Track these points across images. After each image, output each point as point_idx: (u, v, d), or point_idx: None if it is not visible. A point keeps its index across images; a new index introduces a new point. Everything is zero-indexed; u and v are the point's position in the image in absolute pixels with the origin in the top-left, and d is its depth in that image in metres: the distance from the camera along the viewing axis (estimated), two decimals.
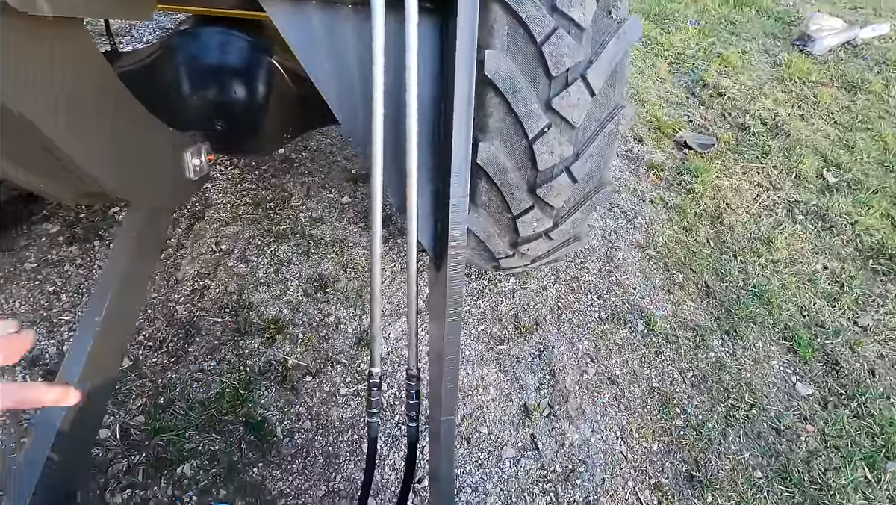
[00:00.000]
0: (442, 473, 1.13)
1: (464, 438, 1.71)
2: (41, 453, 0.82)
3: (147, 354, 1.80)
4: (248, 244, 2.20)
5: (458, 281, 1.01)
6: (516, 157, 1.41)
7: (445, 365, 1.08)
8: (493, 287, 2.17)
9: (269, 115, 1.77)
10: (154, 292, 1.97)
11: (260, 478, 1.55)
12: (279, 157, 2.68)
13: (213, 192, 2.42)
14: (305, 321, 1.96)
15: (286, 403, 1.72)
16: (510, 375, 1.89)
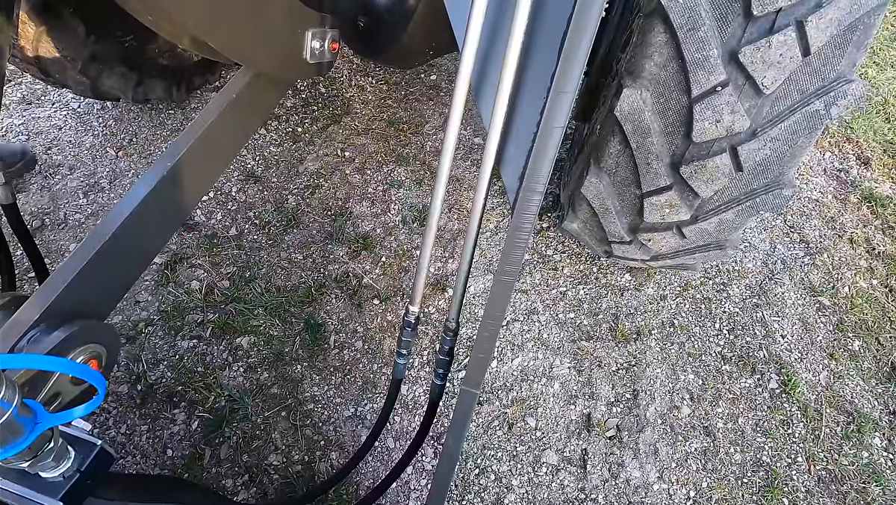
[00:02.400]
0: (449, 446, 0.98)
1: (506, 422, 1.52)
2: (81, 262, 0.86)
3: (251, 230, 1.92)
4: (369, 158, 2.20)
5: (523, 234, 0.80)
6: (667, 117, 1.10)
7: (482, 330, 0.90)
8: (602, 276, 1.87)
9: (416, 24, 1.65)
10: (275, 177, 2.08)
11: (299, 376, 1.57)
12: (429, 81, 2.60)
13: (357, 102, 2.45)
14: (393, 247, 1.90)
15: (347, 318, 1.71)
16: (584, 377, 1.63)
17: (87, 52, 1.74)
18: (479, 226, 0.91)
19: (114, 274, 0.95)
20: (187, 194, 1.06)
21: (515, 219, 0.81)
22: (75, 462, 0.52)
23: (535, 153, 0.77)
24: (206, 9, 0.92)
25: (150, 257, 1.05)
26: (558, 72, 0.73)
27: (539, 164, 0.77)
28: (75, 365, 0.42)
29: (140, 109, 2.27)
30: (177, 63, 2.10)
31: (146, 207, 0.96)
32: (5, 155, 1.82)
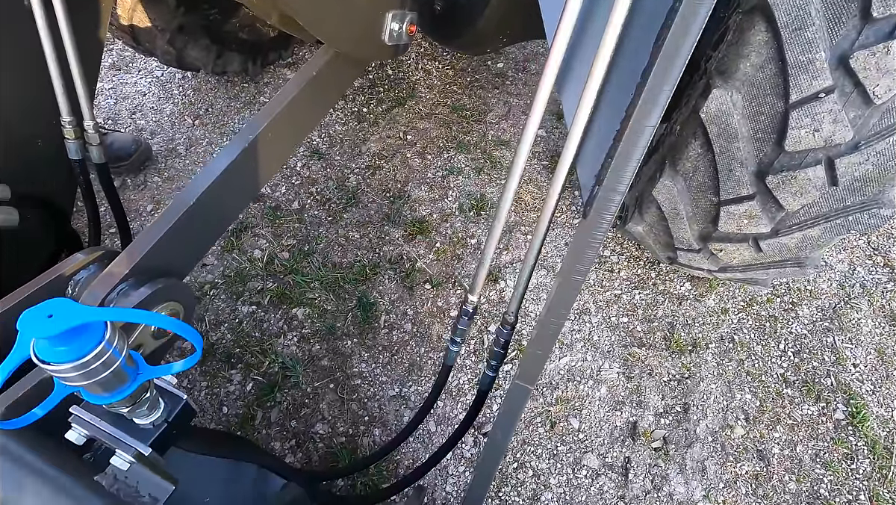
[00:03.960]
0: (497, 439, 0.98)
1: (548, 420, 1.51)
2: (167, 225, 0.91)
3: (312, 205, 1.97)
4: (431, 143, 2.20)
5: (599, 233, 0.78)
6: (758, 123, 1.03)
7: (543, 327, 0.89)
8: (660, 283, 1.81)
9: (493, 10, 1.62)
10: (338, 155, 2.12)
11: (349, 351, 1.61)
12: (495, 69, 2.57)
13: (422, 86, 2.45)
14: (448, 234, 1.91)
15: (399, 299, 1.73)
16: (633, 384, 1.59)
17: (176, 24, 1.82)
18: (550, 220, 0.89)
19: (195, 237, 1.00)
20: (264, 166, 1.10)
21: (592, 217, 0.79)
22: (164, 413, 0.55)
23: (621, 151, 0.75)
24: None
25: (228, 224, 1.10)
26: (656, 68, 0.69)
27: (625, 163, 0.74)
28: (182, 324, 0.45)
29: (217, 81, 2.37)
30: (255, 38, 2.17)
31: (228, 176, 1.01)
32: (118, 146, 1.92)
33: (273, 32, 2.25)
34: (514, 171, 0.91)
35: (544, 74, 0.81)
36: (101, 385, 0.45)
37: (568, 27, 0.77)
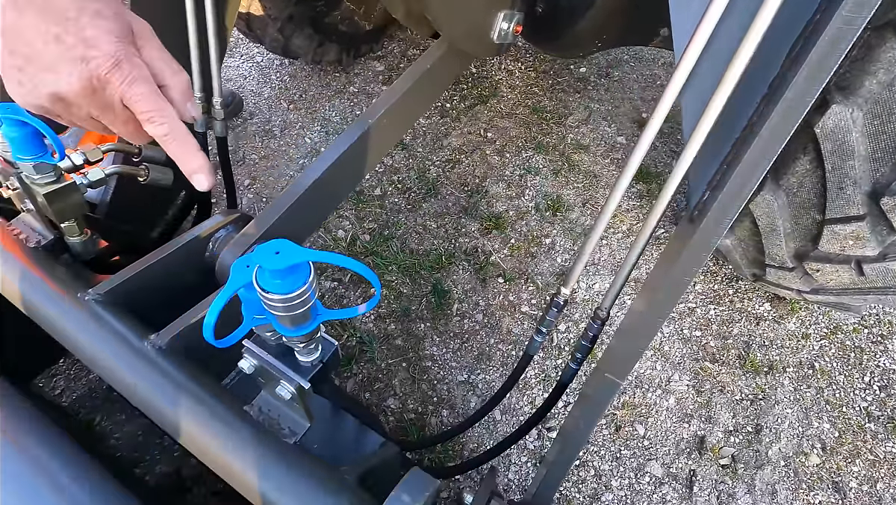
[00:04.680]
0: (576, 433, 1.01)
1: (614, 423, 1.52)
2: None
3: (394, 192, 2.06)
4: (510, 141, 2.24)
5: (714, 238, 0.80)
6: (879, 142, 1.01)
7: (641, 324, 0.91)
8: (737, 300, 1.77)
9: (593, 15, 1.64)
10: (421, 147, 2.20)
11: (422, 334, 1.68)
12: (577, 74, 2.57)
13: (504, 86, 2.50)
14: (524, 231, 1.95)
15: (472, 290, 1.79)
16: (703, 398, 1.57)
17: (287, 13, 1.96)
18: (658, 220, 0.91)
19: (315, 209, 1.09)
20: (376, 150, 1.18)
21: (708, 222, 0.81)
22: (321, 355, 0.63)
23: (747, 160, 0.76)
24: None
25: (342, 199, 1.19)
26: (796, 82, 0.70)
27: (750, 171, 0.76)
28: (366, 269, 0.51)
29: (311, 69, 2.51)
30: (352, 31, 2.28)
31: (346, 157, 1.09)
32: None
33: (368, 26, 2.36)
34: (626, 171, 0.93)
35: (671, 83, 0.83)
36: (293, 319, 0.52)
37: (702, 40, 0.79)
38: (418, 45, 2.65)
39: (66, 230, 0.87)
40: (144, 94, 0.49)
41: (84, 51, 0.46)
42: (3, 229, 0.87)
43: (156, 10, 1.23)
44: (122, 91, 0.48)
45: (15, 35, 0.45)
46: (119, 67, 0.47)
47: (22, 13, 0.45)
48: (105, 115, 0.50)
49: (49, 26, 0.45)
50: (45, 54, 0.45)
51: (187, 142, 0.52)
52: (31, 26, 0.45)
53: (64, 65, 0.46)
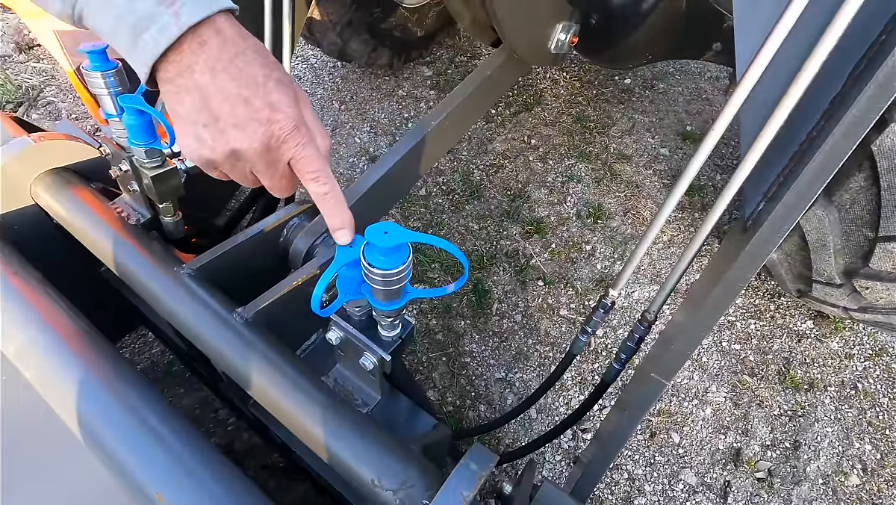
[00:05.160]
0: (618, 430, 1.05)
1: (648, 429, 1.54)
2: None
3: (438, 193, 2.12)
4: (553, 149, 2.29)
5: (769, 245, 0.83)
6: None
7: (689, 327, 0.94)
8: (778, 316, 1.76)
9: (647, 28, 1.68)
10: (465, 151, 2.26)
11: (462, 330, 1.74)
12: (622, 85, 2.60)
13: (549, 94, 2.54)
14: (564, 237, 1.98)
15: (511, 291, 1.83)
16: (741, 411, 1.57)
17: (347, 19, 2.05)
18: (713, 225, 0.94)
19: (377, 205, 1.16)
20: (437, 149, 1.24)
21: (763, 231, 0.83)
22: (401, 331, 0.69)
23: (806, 173, 0.79)
24: None
25: (403, 193, 1.26)
26: (860, 100, 0.73)
27: (808, 185, 0.79)
28: (457, 249, 0.57)
29: (362, 72, 2.61)
30: (404, 37, 2.37)
31: (411, 154, 1.16)
32: None
33: (420, 33, 2.44)
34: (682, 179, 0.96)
35: (733, 98, 0.86)
36: (387, 294, 0.58)
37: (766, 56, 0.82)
38: (465, 53, 2.72)
39: (162, 210, 0.96)
40: (313, 155, 0.53)
41: (269, 114, 0.50)
42: (107, 208, 0.97)
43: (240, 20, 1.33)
44: (295, 152, 0.52)
45: (207, 95, 0.49)
46: (298, 130, 0.52)
47: (216, 76, 0.49)
48: (268, 171, 0.54)
49: (241, 90, 0.49)
50: (235, 115, 0.50)
51: (340, 200, 0.57)
52: (223, 88, 0.49)
53: (251, 124, 0.50)
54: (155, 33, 0.47)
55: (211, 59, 0.49)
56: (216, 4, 0.48)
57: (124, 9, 0.47)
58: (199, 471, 0.70)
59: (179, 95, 0.50)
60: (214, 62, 0.49)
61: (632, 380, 1.11)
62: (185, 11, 0.47)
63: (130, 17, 0.47)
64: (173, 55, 0.48)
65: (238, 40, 0.50)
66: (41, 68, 2.41)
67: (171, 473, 0.69)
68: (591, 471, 1.10)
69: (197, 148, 0.53)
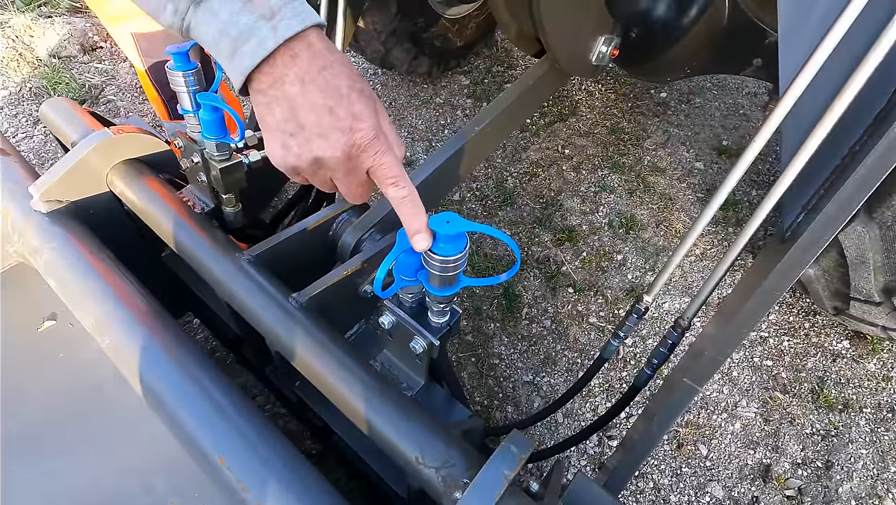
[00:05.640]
0: (647, 435, 1.06)
1: (676, 440, 1.54)
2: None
3: (471, 199, 2.17)
4: (586, 159, 2.31)
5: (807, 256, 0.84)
6: None
7: (723, 335, 0.96)
8: (813, 334, 1.74)
9: (687, 42, 1.70)
10: (500, 158, 2.31)
11: (491, 333, 1.77)
12: (658, 98, 2.61)
13: (584, 106, 2.57)
14: (596, 246, 2.00)
15: (541, 297, 1.86)
16: (771, 427, 1.56)
17: (391, 28, 2.13)
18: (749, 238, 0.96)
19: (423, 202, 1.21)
20: (477, 155, 1.29)
21: (801, 243, 0.85)
22: (449, 318, 0.73)
23: (847, 187, 0.81)
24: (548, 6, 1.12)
25: (443, 196, 1.31)
26: None
27: (848, 199, 0.80)
28: (510, 238, 0.62)
29: (401, 80, 2.69)
30: (445, 46, 2.44)
31: (453, 159, 1.21)
32: None
33: (459, 43, 2.51)
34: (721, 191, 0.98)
35: (776, 111, 0.88)
36: (443, 281, 0.63)
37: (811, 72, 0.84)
38: (502, 63, 2.78)
39: (225, 201, 1.03)
40: (392, 162, 0.57)
41: (352, 122, 0.53)
42: (175, 197, 1.05)
43: None
44: (375, 159, 0.56)
45: (296, 105, 0.52)
46: (378, 139, 0.55)
47: (305, 87, 0.52)
48: (347, 178, 0.58)
49: (326, 100, 0.52)
50: (320, 124, 0.53)
51: (418, 205, 0.60)
52: (310, 99, 0.52)
53: (335, 133, 0.53)
54: (254, 45, 0.51)
55: (301, 71, 0.52)
56: (309, 20, 0.52)
57: (228, 22, 0.52)
58: (255, 440, 0.76)
59: (270, 106, 0.54)
60: (304, 74, 0.52)
61: (661, 387, 1.13)
62: (283, 26, 0.51)
63: (233, 30, 0.51)
64: (267, 67, 0.52)
65: (326, 54, 0.54)
66: (103, 69, 2.57)
67: (230, 439, 0.75)
68: (616, 477, 1.11)
69: (283, 155, 0.56)
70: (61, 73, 2.48)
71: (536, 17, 1.10)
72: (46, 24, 2.68)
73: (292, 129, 0.54)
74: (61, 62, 2.56)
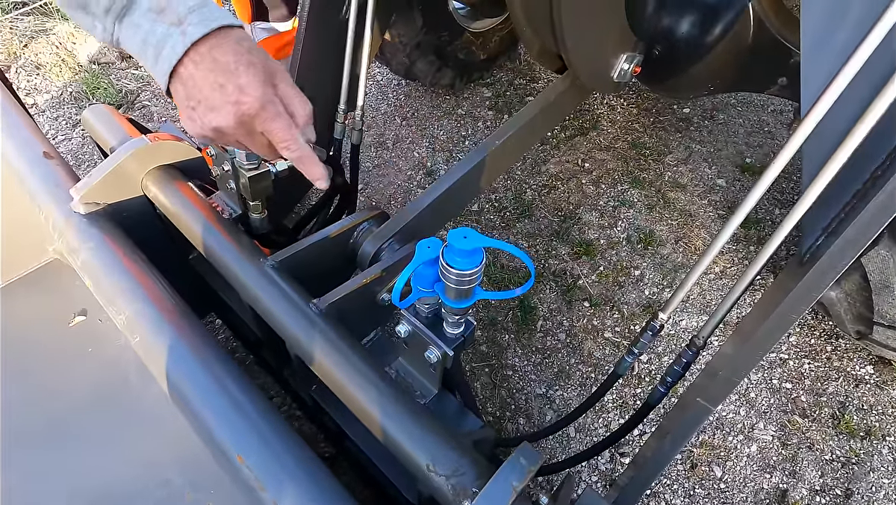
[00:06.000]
0: (659, 453, 1.06)
1: (689, 460, 1.52)
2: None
3: (490, 210, 2.19)
4: (606, 173, 2.31)
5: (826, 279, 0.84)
6: None
7: (739, 356, 0.95)
8: (835, 358, 1.70)
9: (711, 60, 1.70)
10: (519, 171, 2.33)
11: (505, 344, 1.78)
12: (680, 114, 2.60)
13: (605, 120, 2.58)
14: (613, 260, 2.00)
15: (557, 309, 1.86)
16: (789, 452, 1.53)
17: (416, 41, 2.18)
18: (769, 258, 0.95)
19: (439, 216, 1.24)
20: (497, 168, 1.32)
21: (820, 265, 0.85)
22: (463, 330, 0.75)
23: (868, 211, 0.80)
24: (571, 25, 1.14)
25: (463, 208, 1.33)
26: None
27: (869, 222, 0.80)
28: (524, 254, 0.64)
29: (424, 91, 2.73)
30: (468, 59, 2.48)
31: (473, 171, 1.23)
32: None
33: (482, 56, 2.55)
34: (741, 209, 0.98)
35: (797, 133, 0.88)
36: (459, 294, 0.65)
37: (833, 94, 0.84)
38: (525, 76, 2.81)
39: (252, 208, 1.07)
40: (280, 127, 0.65)
41: (238, 96, 0.62)
42: (204, 202, 1.09)
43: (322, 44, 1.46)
44: (264, 126, 0.64)
45: (191, 84, 0.61)
46: (265, 108, 0.63)
47: (197, 67, 0.61)
48: (249, 140, 0.68)
49: (217, 77, 0.61)
50: (211, 98, 0.62)
51: (311, 160, 0.70)
52: (202, 77, 0.61)
53: (225, 106, 0.62)
54: (169, 50, 0.60)
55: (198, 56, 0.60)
56: (215, 23, 0.60)
57: (149, 32, 0.60)
58: (274, 442, 0.78)
59: (175, 86, 0.63)
60: (199, 58, 0.60)
61: (676, 405, 1.12)
62: (190, 31, 0.59)
63: (152, 38, 0.60)
64: (181, 67, 0.61)
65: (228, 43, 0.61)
66: (139, 75, 2.67)
67: (250, 439, 0.78)
68: (627, 494, 1.11)
69: (191, 127, 0.65)
70: (100, 78, 2.59)
71: (559, 35, 1.12)
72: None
73: (193, 104, 0.63)
74: (100, 68, 2.68)
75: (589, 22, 1.15)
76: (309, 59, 1.47)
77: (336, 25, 1.49)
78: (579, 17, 1.12)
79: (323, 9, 1.43)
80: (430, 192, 1.18)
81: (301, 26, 1.43)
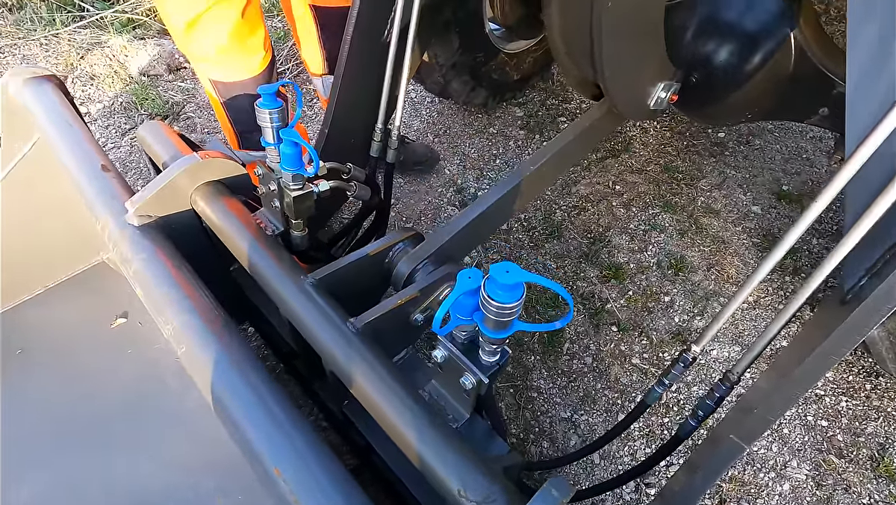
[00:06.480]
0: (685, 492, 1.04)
1: (718, 494, 1.48)
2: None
3: (519, 230, 2.20)
4: (637, 196, 2.30)
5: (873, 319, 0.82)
6: None
7: (774, 395, 0.94)
8: (874, 397, 1.64)
9: (750, 88, 1.68)
10: (549, 192, 2.33)
11: (531, 365, 1.78)
12: (715, 138, 2.57)
13: (637, 142, 2.57)
14: (643, 285, 1.98)
15: (584, 333, 1.85)
16: (824, 493, 1.47)
17: (452, 62, 2.22)
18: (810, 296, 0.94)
19: (473, 237, 1.26)
20: (532, 191, 1.33)
21: (864, 307, 0.83)
22: (500, 358, 0.77)
23: None
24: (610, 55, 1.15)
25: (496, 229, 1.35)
26: None
27: None
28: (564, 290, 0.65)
29: (456, 109, 2.77)
30: (501, 79, 2.51)
31: (508, 195, 1.25)
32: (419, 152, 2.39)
33: (515, 77, 2.58)
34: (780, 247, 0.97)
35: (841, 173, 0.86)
36: (498, 325, 0.67)
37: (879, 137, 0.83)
38: (557, 96, 2.82)
39: (294, 225, 1.11)
40: None
41: None
42: (249, 218, 1.14)
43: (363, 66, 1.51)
44: None
45: None
46: None
47: None
48: None
49: None
50: None
51: None
52: None
53: None
54: None
55: None
56: None
57: None
58: (309, 456, 0.81)
59: None
60: None
61: (706, 440, 1.11)
62: None
63: None
64: None
65: None
66: (185, 87, 2.79)
67: (287, 453, 0.80)
68: None
69: None
70: (149, 90, 2.71)
71: (598, 65, 1.14)
72: (140, 45, 2.95)
73: None
74: (149, 80, 2.81)
75: (629, 52, 1.17)
76: (350, 79, 1.52)
77: (378, 48, 1.54)
78: (619, 47, 1.14)
79: (367, 31, 1.48)
80: (465, 215, 1.20)
81: (344, 49, 1.49)
